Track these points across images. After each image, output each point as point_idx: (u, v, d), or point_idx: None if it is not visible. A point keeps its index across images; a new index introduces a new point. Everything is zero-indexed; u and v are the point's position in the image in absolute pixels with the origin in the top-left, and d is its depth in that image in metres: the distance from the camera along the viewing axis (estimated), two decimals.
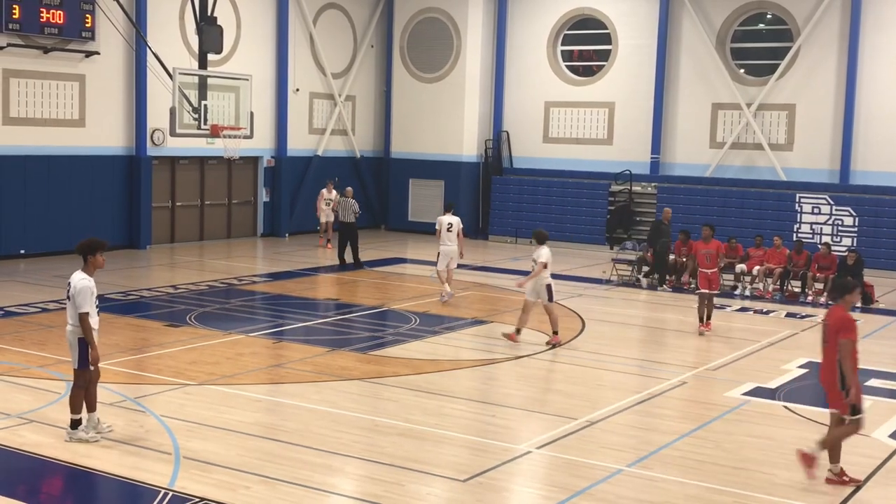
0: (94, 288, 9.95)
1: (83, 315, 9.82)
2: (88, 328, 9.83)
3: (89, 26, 23.32)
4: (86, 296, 9.82)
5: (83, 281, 9.87)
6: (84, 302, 9.81)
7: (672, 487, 9.23)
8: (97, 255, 9.96)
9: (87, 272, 9.96)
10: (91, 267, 9.98)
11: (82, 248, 10.00)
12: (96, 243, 10.00)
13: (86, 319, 9.81)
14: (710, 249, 16.83)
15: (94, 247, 9.96)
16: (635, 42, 29.06)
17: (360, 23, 31.69)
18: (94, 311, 9.93)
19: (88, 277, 9.93)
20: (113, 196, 24.75)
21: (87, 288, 9.83)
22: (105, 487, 9.00)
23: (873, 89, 26.01)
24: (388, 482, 9.11)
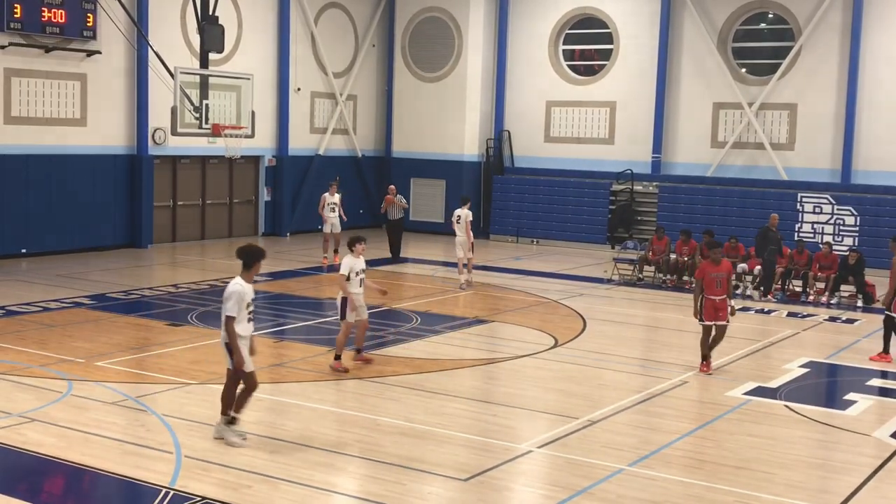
0: (248, 295, 9.76)
1: (228, 319, 9.62)
2: (232, 333, 9.61)
3: (91, 25, 23.32)
4: (234, 301, 9.62)
5: (236, 286, 9.71)
6: (231, 307, 9.62)
7: (673, 487, 9.24)
8: (260, 262, 9.88)
9: (245, 278, 9.81)
10: (251, 274, 9.86)
11: (245, 255, 9.85)
12: (259, 252, 9.89)
13: (230, 324, 9.60)
14: (720, 272, 13.92)
15: (257, 255, 9.85)
16: (637, 41, 29.05)
17: (361, 22, 31.69)
18: (243, 319, 9.71)
19: (244, 283, 9.76)
20: (114, 195, 24.76)
21: (237, 293, 9.65)
22: (106, 486, 9.01)
23: (875, 89, 26.00)
24: (390, 481, 9.11)
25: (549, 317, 17.89)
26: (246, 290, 9.72)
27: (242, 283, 9.75)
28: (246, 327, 9.77)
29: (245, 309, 9.71)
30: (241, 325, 9.66)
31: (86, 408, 11.14)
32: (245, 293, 9.70)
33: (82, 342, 14.43)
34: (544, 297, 20.03)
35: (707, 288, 13.83)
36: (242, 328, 9.70)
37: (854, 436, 11.16)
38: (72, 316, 16.44)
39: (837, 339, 16.81)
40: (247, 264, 9.82)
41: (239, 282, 9.76)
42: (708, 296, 13.84)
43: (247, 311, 9.75)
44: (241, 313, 9.65)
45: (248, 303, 9.75)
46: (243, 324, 9.72)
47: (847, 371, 14.62)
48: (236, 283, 9.74)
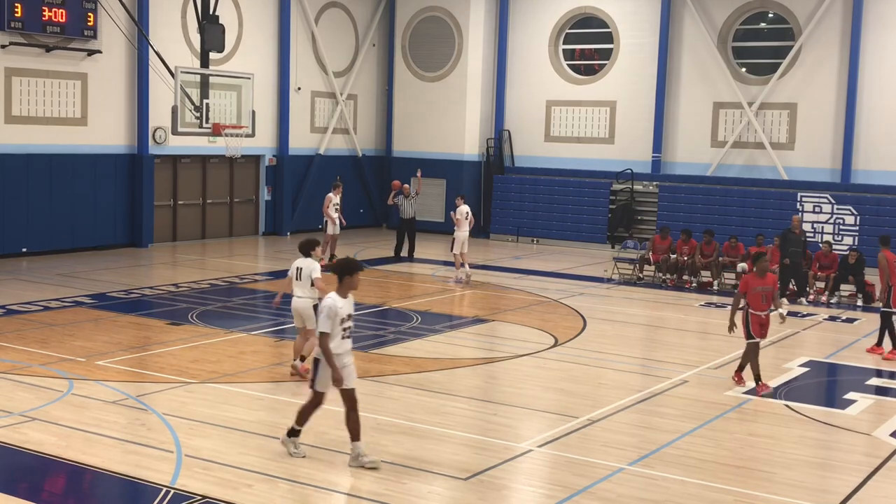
0: (343, 310, 9.32)
1: (320, 336, 9.26)
2: (326, 350, 9.24)
3: (91, 25, 23.33)
4: (325, 315, 9.23)
5: (328, 300, 9.33)
6: (322, 322, 9.23)
7: (673, 486, 9.25)
8: (354, 276, 9.38)
9: (340, 293, 9.37)
10: (345, 288, 9.38)
11: (339, 268, 9.45)
12: (354, 265, 9.43)
13: (323, 341, 9.24)
14: (766, 286, 13.04)
15: (351, 268, 9.39)
16: (637, 41, 29.06)
17: (361, 22, 31.70)
18: (337, 335, 9.29)
19: (337, 298, 9.33)
20: (115, 194, 24.77)
21: (329, 307, 9.25)
22: (107, 485, 9.02)
23: (875, 88, 26.00)
24: (390, 480, 9.12)
25: (549, 316, 17.90)
26: (339, 304, 9.30)
27: (336, 297, 9.34)
28: (341, 343, 9.37)
29: (339, 325, 9.29)
30: (334, 341, 9.27)
31: (86, 407, 11.15)
32: (338, 308, 9.27)
33: (83, 341, 14.44)
34: (544, 296, 20.04)
35: (752, 303, 12.90)
36: (336, 345, 9.30)
37: (854, 435, 11.17)
38: (72, 315, 16.45)
39: (837, 339, 16.82)
40: (340, 278, 9.39)
41: (331, 296, 9.37)
42: (754, 311, 12.88)
43: (341, 326, 9.32)
44: (335, 329, 9.26)
45: (343, 318, 9.32)
46: (337, 340, 9.31)
47: (847, 370, 14.64)
48: (328, 297, 9.37)
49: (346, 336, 9.41)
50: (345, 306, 9.36)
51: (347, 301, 9.42)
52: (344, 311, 9.33)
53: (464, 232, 21.76)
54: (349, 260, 9.52)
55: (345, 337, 9.40)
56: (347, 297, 9.42)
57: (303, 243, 12.80)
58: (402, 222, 24.89)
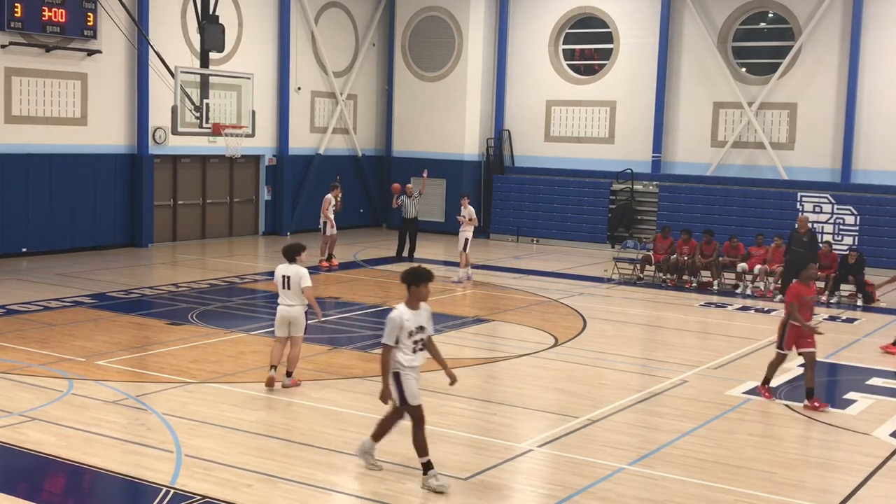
0: (411, 322, 8.89)
1: (383, 347, 8.89)
2: (385, 362, 8.88)
3: (91, 25, 23.33)
4: (389, 327, 8.84)
5: (395, 312, 8.92)
6: (386, 334, 8.85)
7: (673, 486, 9.24)
8: (421, 285, 8.93)
9: (408, 304, 8.97)
10: (414, 298, 8.96)
11: (407, 277, 9.00)
12: (422, 274, 8.99)
13: (385, 354, 8.86)
14: (812, 295, 12.57)
15: (419, 277, 8.95)
16: (637, 41, 29.06)
17: (361, 21, 31.70)
18: (407, 348, 8.90)
19: (405, 309, 8.93)
20: (115, 194, 24.77)
21: (393, 319, 8.84)
22: (107, 485, 9.02)
23: (875, 88, 26.00)
24: (390, 480, 9.12)
25: (549, 316, 17.90)
26: (406, 316, 8.87)
27: (403, 308, 8.93)
28: (411, 357, 8.94)
29: (408, 337, 8.89)
30: (405, 354, 8.90)
31: (86, 407, 11.15)
32: (404, 320, 8.85)
33: (83, 341, 14.44)
34: (544, 296, 20.04)
35: (802, 312, 12.30)
36: (407, 358, 8.91)
37: (854, 435, 11.17)
38: (72, 315, 16.45)
39: (837, 339, 16.81)
40: (408, 288, 8.97)
41: (400, 308, 8.96)
42: (794, 322, 12.31)
43: (410, 339, 8.91)
44: (404, 342, 8.88)
45: (411, 331, 8.89)
46: (408, 354, 8.92)
47: (847, 370, 14.64)
48: (395, 309, 8.96)
49: (418, 349, 9.01)
50: (413, 318, 8.92)
51: (417, 312, 8.97)
52: (412, 324, 8.91)
53: (468, 232, 21.89)
54: (418, 269, 9.05)
55: (416, 350, 9.00)
56: (418, 309, 8.98)
57: (288, 249, 12.13)
58: (404, 222, 24.81)
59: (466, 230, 21.89)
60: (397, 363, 8.90)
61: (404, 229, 24.77)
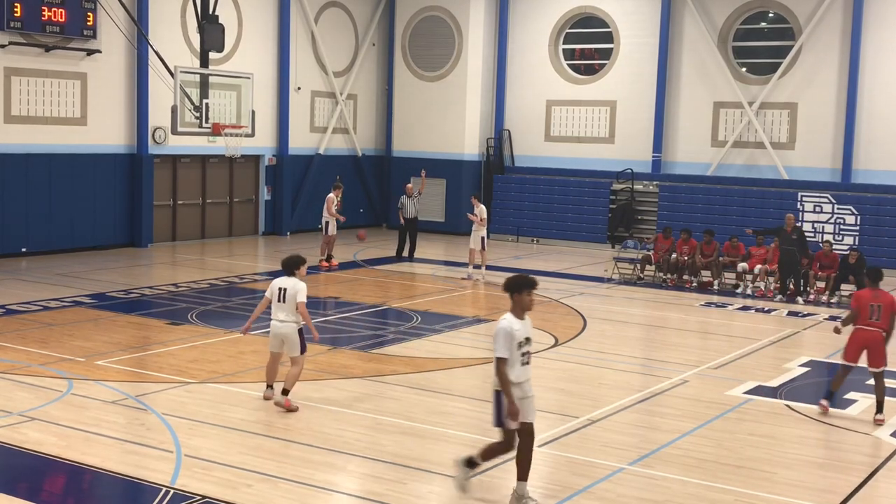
0: (520, 333, 8.41)
1: (498, 362, 8.36)
2: (503, 377, 8.34)
3: (91, 24, 23.32)
4: (502, 339, 8.34)
5: (503, 322, 8.42)
6: (499, 347, 8.34)
7: (673, 486, 9.23)
8: (524, 293, 8.46)
9: (514, 314, 8.47)
10: (518, 307, 8.47)
11: (509, 286, 8.54)
12: (525, 281, 8.50)
13: (501, 368, 8.34)
14: (881, 302, 11.79)
15: (521, 285, 8.47)
16: (637, 40, 29.05)
17: (361, 21, 31.69)
18: (516, 361, 8.40)
19: (513, 319, 8.44)
20: (114, 194, 24.76)
21: (503, 330, 8.36)
22: (106, 485, 9.01)
23: (875, 88, 25.99)
24: (390, 480, 9.11)
25: (549, 316, 17.88)
26: (515, 326, 8.38)
27: (511, 318, 8.43)
28: (519, 372, 8.45)
29: (517, 349, 8.41)
30: (514, 368, 8.40)
31: (86, 407, 11.14)
32: (514, 331, 8.36)
33: (82, 341, 14.43)
34: (544, 296, 20.02)
35: (861, 316, 11.81)
36: (517, 373, 8.42)
37: (854, 435, 11.16)
38: (72, 315, 16.44)
39: (838, 339, 16.74)
40: (511, 297, 8.50)
41: (505, 317, 8.46)
42: (860, 326, 11.81)
43: (518, 351, 8.43)
44: (512, 354, 8.37)
45: (520, 342, 8.43)
46: (517, 367, 8.43)
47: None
48: (503, 319, 8.44)
49: (525, 362, 8.53)
50: (521, 329, 8.43)
51: (524, 322, 8.49)
52: (521, 335, 8.42)
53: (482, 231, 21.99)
54: (520, 276, 8.56)
55: (524, 363, 8.51)
56: (524, 319, 8.51)
57: (287, 261, 11.42)
58: (405, 222, 24.80)
59: (480, 229, 21.92)
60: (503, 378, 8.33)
61: (404, 229, 24.77)
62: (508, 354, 8.32)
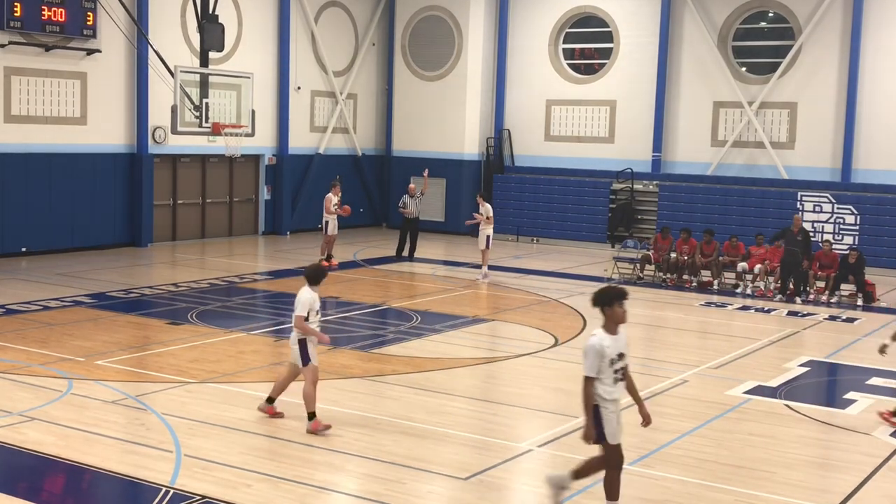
0: (611, 349, 7.93)
1: (585, 381, 7.97)
2: (587, 396, 7.97)
3: (91, 24, 23.31)
4: (592, 357, 7.90)
5: (592, 338, 7.97)
6: (588, 364, 7.92)
7: (673, 486, 9.23)
8: (616, 305, 7.95)
9: (606, 329, 7.99)
10: (611, 321, 7.98)
11: (600, 299, 8.01)
12: (615, 293, 8.00)
13: (587, 386, 7.94)
14: None
15: (611, 297, 7.98)
16: (637, 40, 29.05)
17: (361, 21, 31.69)
18: (608, 378, 7.94)
19: (604, 335, 7.95)
20: (114, 194, 24.76)
21: (593, 346, 7.90)
22: (106, 485, 9.01)
23: (875, 87, 25.99)
24: (390, 480, 9.11)
25: (549, 315, 17.89)
26: (606, 343, 7.91)
27: (602, 334, 7.97)
28: (611, 389, 7.97)
29: (609, 367, 7.94)
30: (605, 386, 7.93)
31: (86, 406, 11.14)
32: (604, 347, 7.89)
33: (82, 341, 14.43)
34: (544, 295, 20.03)
35: None
36: (606, 390, 7.94)
37: (854, 435, 11.16)
38: (72, 314, 16.44)
39: (837, 338, 16.81)
40: (601, 311, 8.02)
41: (598, 333, 8.00)
42: None
43: (611, 368, 7.95)
44: (604, 371, 7.93)
45: (612, 359, 7.95)
46: (608, 385, 7.95)
47: (847, 370, 14.63)
48: (594, 335, 7.99)
49: (619, 379, 8.02)
50: (613, 344, 7.94)
51: (617, 338, 7.98)
52: (613, 351, 7.94)
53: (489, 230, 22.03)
54: (609, 288, 8.08)
55: (617, 380, 8.01)
56: (617, 333, 7.99)
57: (313, 272, 10.98)
58: (406, 222, 24.75)
59: (487, 228, 21.93)
60: (596, 396, 7.96)
61: (405, 229, 24.75)
62: (597, 373, 7.91)
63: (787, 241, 20.65)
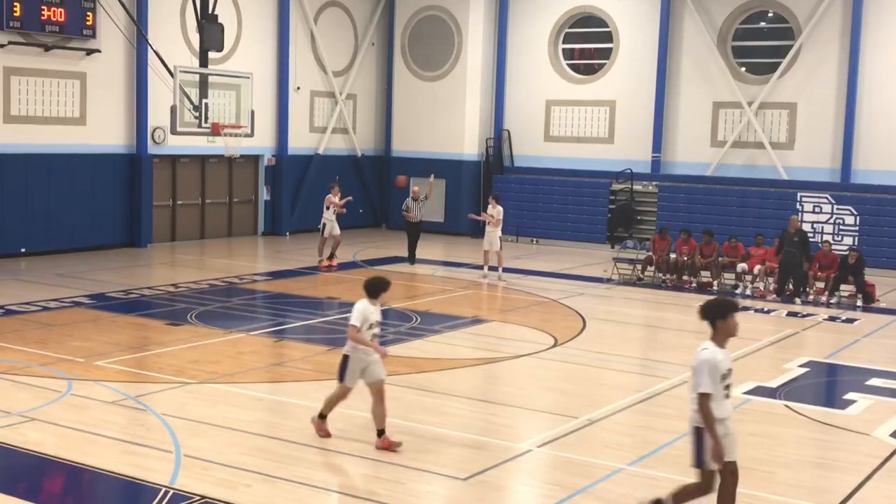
0: (724, 364, 7.61)
1: (701, 398, 7.52)
2: (707, 415, 7.50)
3: (90, 24, 23.30)
4: (707, 373, 7.52)
5: (704, 352, 7.63)
6: (705, 380, 7.51)
7: (672, 486, 9.21)
8: (729, 318, 7.68)
9: (717, 342, 7.67)
10: (722, 335, 7.68)
11: (710, 311, 7.76)
12: (727, 305, 7.76)
13: (705, 404, 7.50)
14: None
15: (724, 309, 7.72)
16: (636, 40, 29.04)
17: (361, 21, 31.68)
18: (719, 395, 7.56)
19: (716, 349, 7.63)
20: (114, 194, 24.74)
21: (707, 362, 7.54)
22: (106, 485, 9.00)
23: (875, 88, 25.99)
24: (389, 480, 9.11)
25: (548, 316, 17.89)
26: (719, 356, 7.60)
27: (714, 349, 7.64)
28: (722, 406, 7.61)
29: (720, 381, 7.59)
30: (715, 403, 7.55)
31: (85, 407, 11.13)
32: (717, 361, 7.56)
33: (82, 341, 14.42)
34: (544, 296, 20.03)
35: None
36: (718, 408, 7.57)
37: (854, 435, 11.16)
38: (71, 315, 16.43)
39: (837, 339, 16.81)
40: (712, 323, 7.74)
41: (707, 346, 7.68)
42: None
43: (722, 384, 7.61)
44: (716, 388, 7.56)
45: (723, 374, 7.61)
46: (719, 402, 7.59)
47: (847, 370, 14.63)
48: (705, 350, 7.66)
49: (727, 396, 7.69)
50: (725, 359, 7.63)
51: (726, 351, 7.68)
52: (725, 366, 7.63)
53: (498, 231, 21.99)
54: (721, 300, 7.84)
55: (727, 397, 7.69)
56: (726, 347, 7.68)
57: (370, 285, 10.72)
58: (409, 226, 24.01)
59: (496, 230, 21.82)
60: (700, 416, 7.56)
61: (410, 233, 24.05)
62: (713, 389, 7.51)
63: (785, 243, 20.64)
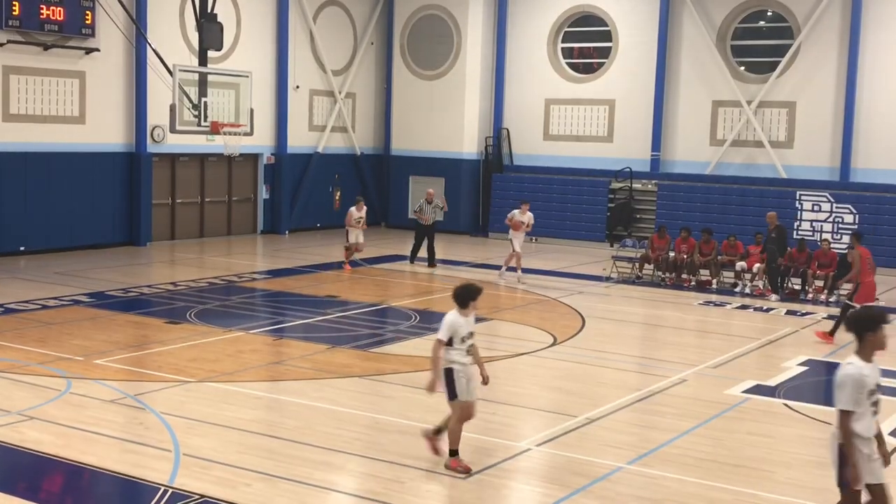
0: (871, 379, 7.04)
1: (842, 415, 7.02)
2: (846, 433, 7.03)
3: (89, 23, 23.29)
4: (850, 389, 6.98)
5: (848, 367, 7.05)
6: (844, 396, 6.99)
7: (672, 485, 9.23)
8: (878, 331, 7.05)
9: (863, 356, 7.09)
10: (869, 348, 7.08)
11: (858, 324, 7.16)
12: (879, 316, 7.17)
13: (845, 421, 7.02)
14: None
15: (875, 320, 7.10)
16: (636, 39, 29.04)
17: (360, 20, 31.67)
18: (866, 412, 7.03)
19: (863, 364, 7.05)
20: (113, 193, 24.74)
21: (851, 378, 6.98)
22: (105, 484, 9.00)
23: (874, 87, 26.00)
24: (389, 479, 9.11)
25: (547, 315, 17.89)
26: (866, 372, 7.02)
27: (861, 363, 7.06)
28: (870, 424, 7.07)
29: (868, 398, 7.03)
30: (861, 421, 7.03)
31: (84, 406, 11.13)
32: (864, 377, 7.00)
33: (81, 340, 14.42)
34: (543, 294, 20.03)
35: None
36: (864, 426, 7.04)
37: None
38: (70, 314, 16.43)
39: (837, 338, 16.79)
40: (860, 336, 7.13)
41: (855, 362, 7.08)
42: None
43: (869, 401, 7.05)
44: (861, 404, 7.00)
45: (871, 389, 7.05)
46: (866, 419, 7.05)
47: None
48: (850, 364, 7.07)
49: (876, 412, 7.14)
50: (871, 374, 7.08)
51: (873, 366, 7.12)
52: (872, 381, 7.07)
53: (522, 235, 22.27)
54: (870, 311, 7.32)
55: (875, 413, 7.13)
56: (872, 361, 7.14)
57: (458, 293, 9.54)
58: (421, 227, 23.57)
59: (521, 234, 22.15)
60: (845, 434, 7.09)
61: (421, 235, 23.59)
62: (855, 406, 6.99)
63: (768, 240, 20.77)
